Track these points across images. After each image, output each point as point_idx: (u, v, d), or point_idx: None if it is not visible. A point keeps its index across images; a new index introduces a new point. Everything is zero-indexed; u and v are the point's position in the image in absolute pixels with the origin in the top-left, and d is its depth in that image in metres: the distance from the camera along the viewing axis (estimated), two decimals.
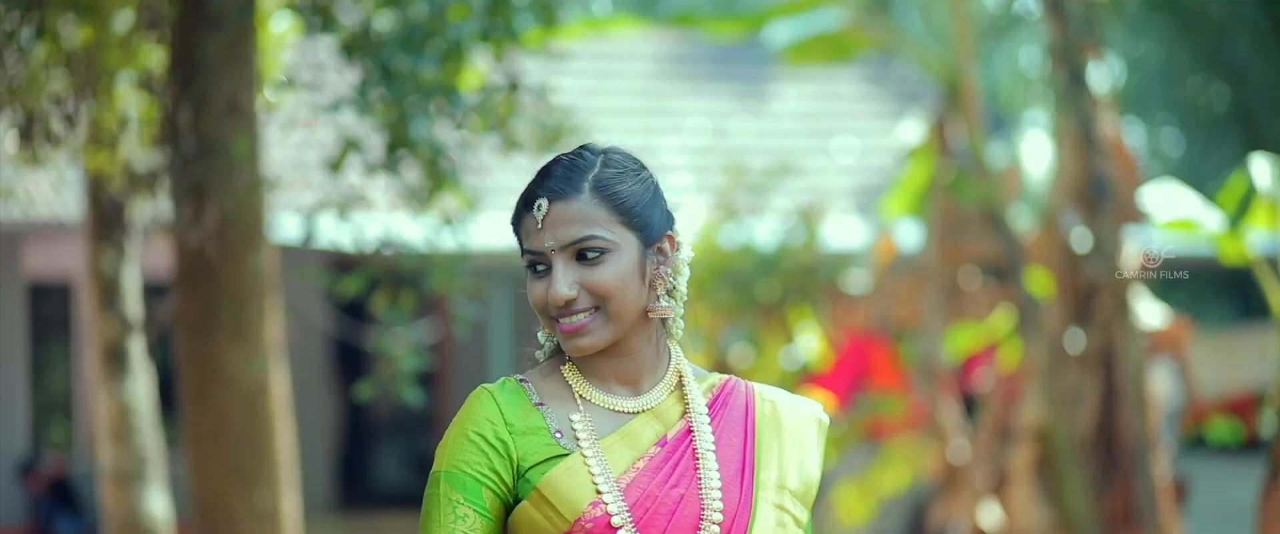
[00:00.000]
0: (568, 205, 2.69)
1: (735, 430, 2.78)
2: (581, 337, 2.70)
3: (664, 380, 2.78)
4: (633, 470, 2.69)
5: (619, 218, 2.70)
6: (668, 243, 2.76)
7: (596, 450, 2.69)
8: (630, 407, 2.75)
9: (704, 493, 2.70)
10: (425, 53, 5.69)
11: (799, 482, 2.78)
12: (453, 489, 2.67)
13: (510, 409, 2.71)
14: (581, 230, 2.68)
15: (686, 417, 2.76)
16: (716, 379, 2.83)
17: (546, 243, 2.69)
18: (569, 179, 2.71)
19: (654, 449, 2.72)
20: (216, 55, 5.98)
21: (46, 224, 13.93)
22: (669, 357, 2.80)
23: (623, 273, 2.70)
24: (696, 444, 2.73)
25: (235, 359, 6.48)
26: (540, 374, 2.78)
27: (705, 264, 10.80)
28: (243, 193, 6.10)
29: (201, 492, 6.65)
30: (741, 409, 2.80)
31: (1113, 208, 8.53)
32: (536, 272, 2.72)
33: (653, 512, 2.67)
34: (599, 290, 2.69)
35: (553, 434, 2.70)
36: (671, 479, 2.70)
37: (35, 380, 15.65)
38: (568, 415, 2.72)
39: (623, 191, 2.71)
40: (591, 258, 2.69)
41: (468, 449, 2.68)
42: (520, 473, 2.68)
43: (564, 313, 2.69)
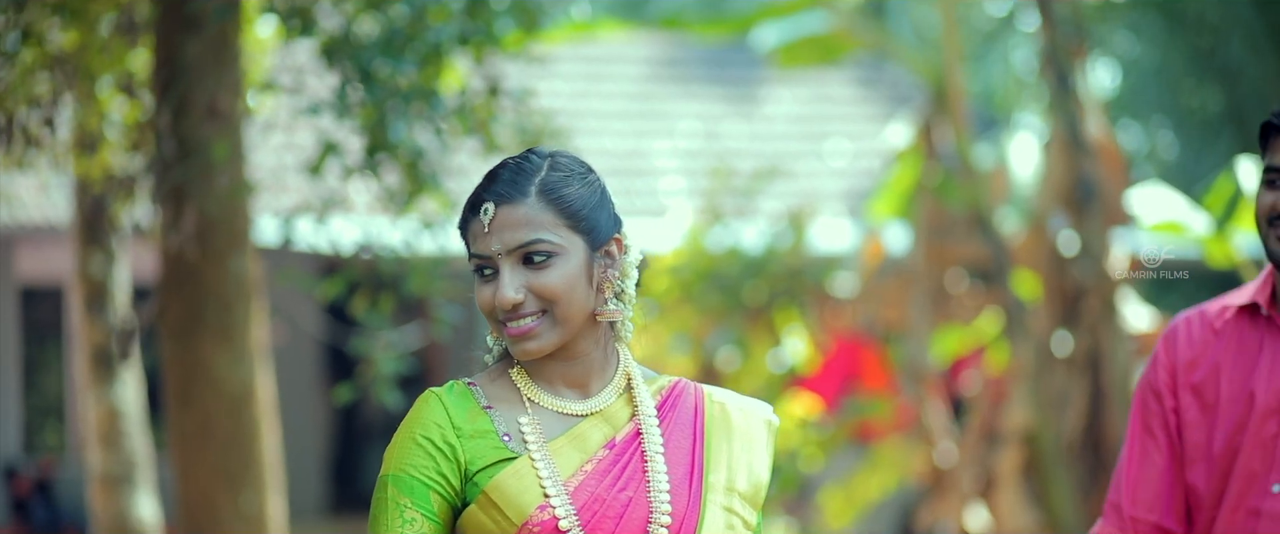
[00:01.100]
0: (514, 209, 2.70)
1: (684, 433, 2.78)
2: (529, 340, 2.70)
3: (613, 383, 2.78)
4: (581, 473, 2.69)
5: (566, 221, 2.71)
6: (615, 246, 2.76)
7: (544, 453, 2.69)
8: (579, 410, 2.75)
9: (652, 495, 2.70)
10: (404, 56, 5.69)
11: (748, 484, 2.78)
12: (400, 493, 2.68)
13: (458, 413, 2.71)
14: (528, 234, 2.69)
15: (635, 419, 2.76)
16: (665, 381, 2.83)
17: (493, 247, 2.69)
18: (515, 183, 2.71)
19: (602, 452, 2.72)
20: (196, 58, 5.98)
21: (38, 227, 13.93)
22: (618, 359, 2.80)
23: (570, 276, 2.70)
24: (645, 447, 2.74)
25: (220, 362, 6.48)
26: (488, 377, 2.78)
27: (692, 267, 10.80)
28: (224, 196, 6.09)
29: (187, 495, 6.65)
30: (690, 411, 2.80)
31: (1100, 210, 8.53)
32: (484, 275, 2.72)
33: (601, 514, 2.67)
34: (546, 294, 2.69)
35: (501, 437, 2.71)
36: (620, 482, 2.70)
37: (27, 384, 15.66)
38: (516, 418, 2.73)
39: (569, 195, 2.72)
40: (538, 261, 2.69)
41: (415, 453, 2.69)
42: (468, 476, 2.69)
43: (511, 317, 2.70)
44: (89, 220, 8.13)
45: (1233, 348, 3.52)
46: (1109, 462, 8.49)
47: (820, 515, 11.04)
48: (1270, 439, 3.44)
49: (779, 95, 16.79)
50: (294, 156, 7.83)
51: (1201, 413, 3.52)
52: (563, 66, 15.77)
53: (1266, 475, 3.44)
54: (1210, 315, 3.57)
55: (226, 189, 6.05)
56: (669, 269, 10.90)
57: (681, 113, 16.42)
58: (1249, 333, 3.52)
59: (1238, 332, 3.53)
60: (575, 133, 15.41)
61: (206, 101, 5.99)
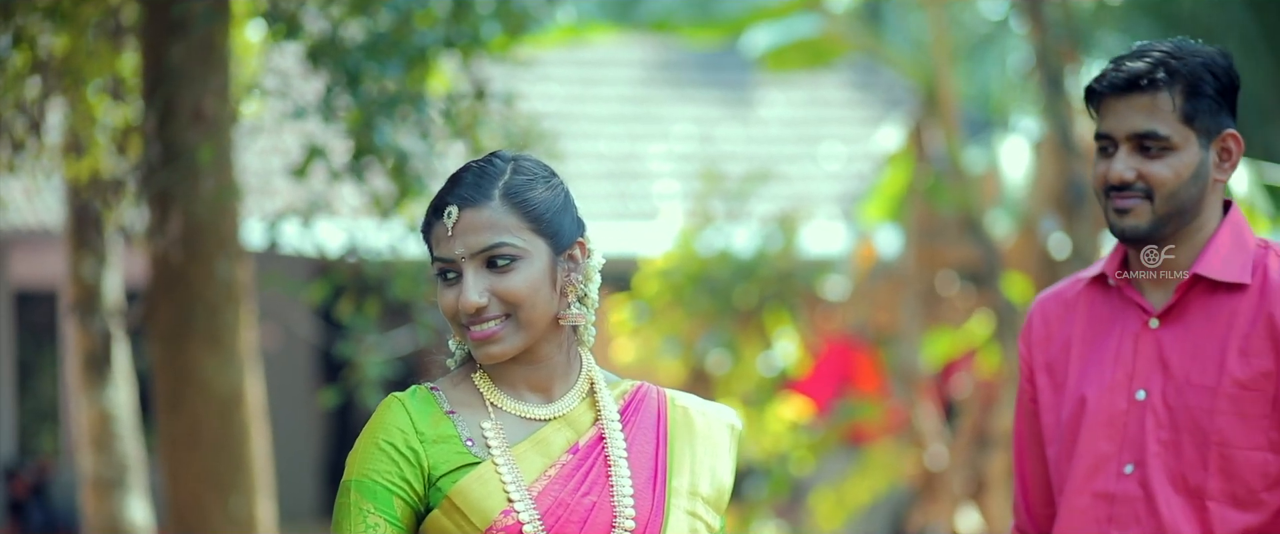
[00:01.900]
0: (478, 212, 2.68)
1: (647, 437, 2.77)
2: (492, 344, 2.69)
3: (575, 387, 2.77)
4: (544, 478, 2.69)
5: (529, 225, 2.70)
6: (578, 250, 2.75)
7: (508, 458, 2.68)
8: (542, 414, 2.74)
9: (616, 500, 2.69)
10: (391, 60, 5.69)
11: (711, 488, 2.78)
12: (363, 498, 2.66)
13: (421, 417, 2.70)
14: (492, 237, 2.68)
15: (598, 424, 2.75)
16: (628, 385, 2.82)
17: (457, 250, 2.68)
18: (479, 186, 2.70)
19: (566, 457, 2.71)
20: (182, 62, 5.98)
21: (32, 231, 13.93)
22: (580, 363, 2.79)
23: (533, 280, 2.69)
24: (608, 451, 2.73)
25: (209, 366, 6.48)
26: (451, 382, 2.77)
27: (683, 270, 10.79)
28: (210, 200, 6.09)
29: (177, 499, 6.65)
30: (653, 415, 2.79)
31: (1091, 213, 8.54)
32: (447, 279, 2.71)
33: (565, 519, 2.66)
34: (510, 298, 2.68)
35: (464, 442, 2.69)
36: (583, 487, 2.69)
37: (23, 388, 15.66)
38: (479, 423, 2.71)
39: (533, 198, 2.71)
40: (502, 265, 2.68)
41: (378, 458, 2.67)
42: (431, 482, 2.67)
43: (474, 320, 2.68)
44: (80, 224, 8.13)
45: (1083, 321, 3.31)
46: None
47: (811, 518, 11.04)
48: (1121, 416, 3.22)
49: (773, 98, 16.80)
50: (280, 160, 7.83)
51: (1054, 393, 3.31)
52: (557, 70, 15.77)
53: (1119, 456, 3.21)
54: (1065, 290, 3.37)
55: (212, 193, 6.05)
56: (660, 272, 10.90)
57: (676, 116, 16.42)
58: (1099, 305, 3.29)
59: (1089, 305, 3.31)
60: (569, 136, 15.46)
61: (193, 105, 5.99)
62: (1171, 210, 3.16)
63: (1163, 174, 3.14)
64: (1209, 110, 3.16)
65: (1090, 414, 3.23)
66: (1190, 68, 3.15)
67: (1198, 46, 3.20)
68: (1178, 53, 3.17)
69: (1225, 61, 3.18)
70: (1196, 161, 3.16)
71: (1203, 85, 3.15)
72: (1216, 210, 3.21)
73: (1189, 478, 3.16)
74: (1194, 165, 3.16)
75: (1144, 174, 3.15)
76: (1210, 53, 3.18)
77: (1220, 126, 3.17)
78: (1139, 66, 3.17)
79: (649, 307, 10.84)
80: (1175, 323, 3.21)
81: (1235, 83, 3.20)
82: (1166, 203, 3.15)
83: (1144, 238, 3.17)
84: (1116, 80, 3.19)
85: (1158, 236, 3.18)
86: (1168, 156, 3.15)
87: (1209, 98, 3.15)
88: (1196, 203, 3.17)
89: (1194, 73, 3.15)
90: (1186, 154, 3.16)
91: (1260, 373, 3.14)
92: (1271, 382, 3.14)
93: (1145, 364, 3.21)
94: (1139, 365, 3.22)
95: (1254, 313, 3.16)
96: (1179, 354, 3.19)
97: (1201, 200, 3.17)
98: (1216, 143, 3.18)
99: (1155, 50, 3.18)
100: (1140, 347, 3.22)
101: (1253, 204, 7.97)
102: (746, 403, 10.70)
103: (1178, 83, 3.15)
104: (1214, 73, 3.16)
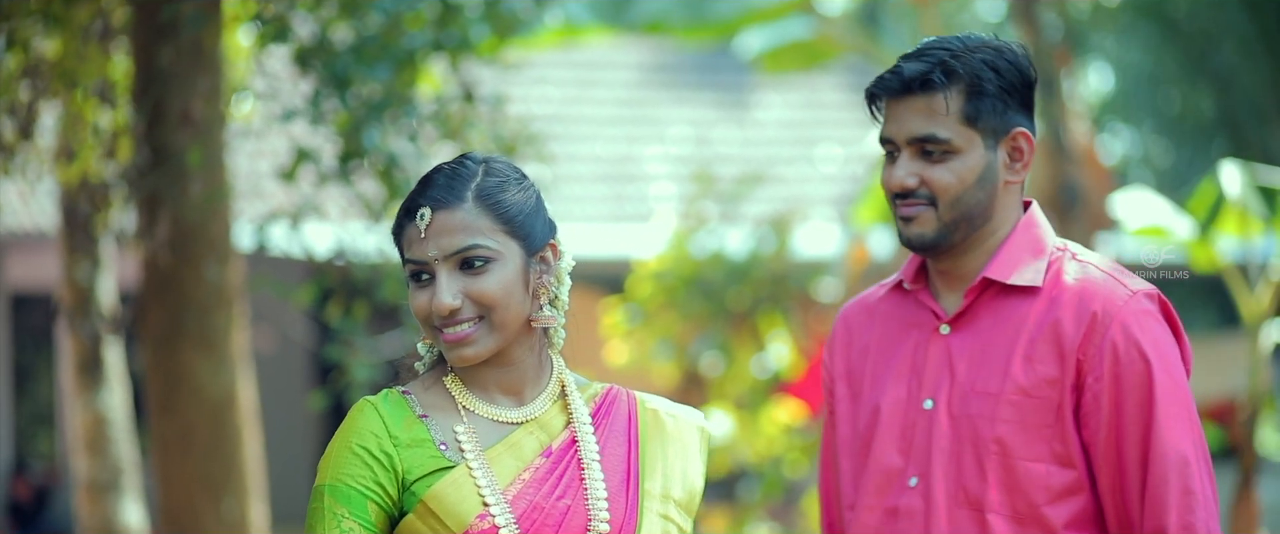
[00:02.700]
0: (451, 214, 2.68)
1: (619, 440, 2.77)
2: (465, 347, 2.68)
3: (547, 390, 2.77)
4: (518, 482, 2.68)
5: (502, 227, 2.69)
6: (550, 252, 2.75)
7: (482, 462, 2.68)
8: (514, 417, 2.74)
9: (590, 503, 2.69)
10: (379, 63, 5.69)
11: (683, 491, 2.78)
12: (337, 503, 2.66)
13: (394, 421, 2.70)
14: (465, 239, 2.67)
15: (570, 427, 2.75)
16: (598, 388, 2.82)
17: (429, 252, 2.67)
18: (451, 188, 2.70)
19: (539, 460, 2.71)
20: (171, 65, 5.98)
21: (29, 234, 13.93)
22: (551, 366, 2.79)
23: (506, 282, 2.68)
24: (581, 454, 2.73)
25: (201, 370, 6.47)
26: (422, 385, 2.77)
27: (676, 273, 10.79)
28: (198, 203, 6.09)
29: (169, 502, 6.65)
30: (624, 419, 2.79)
31: (1084, 215, 8.53)
32: (419, 281, 2.70)
33: (540, 523, 2.66)
34: (483, 300, 2.68)
35: (437, 446, 2.69)
36: (558, 490, 2.69)
37: (19, 391, 15.65)
38: (452, 427, 2.71)
39: (505, 200, 2.70)
40: (475, 267, 2.68)
41: (352, 462, 2.67)
42: (405, 486, 2.67)
43: (447, 323, 2.68)
44: (71, 227, 8.13)
45: (880, 329, 3.10)
46: None
47: (805, 521, 11.03)
48: (910, 426, 3.02)
49: (770, 101, 16.80)
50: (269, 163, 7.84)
51: (851, 402, 3.13)
52: (553, 72, 15.78)
53: (906, 469, 3.00)
54: (868, 297, 3.18)
55: (201, 196, 6.05)
56: (653, 275, 10.90)
57: (672, 118, 16.42)
58: (897, 312, 3.10)
59: (887, 311, 3.11)
60: (565, 139, 15.47)
61: (181, 108, 5.99)
62: (958, 216, 2.96)
63: (945, 179, 2.95)
64: (994, 110, 2.95)
65: (882, 425, 3.05)
66: (970, 67, 2.94)
67: (983, 41, 2.99)
68: (958, 51, 2.96)
69: (1012, 56, 2.98)
70: (982, 164, 2.96)
71: (984, 84, 2.95)
72: (1012, 212, 3.02)
73: (970, 490, 2.95)
74: (979, 169, 2.96)
75: (926, 180, 2.96)
76: (995, 48, 2.98)
77: (1008, 126, 2.97)
78: (915, 68, 2.96)
79: (642, 309, 10.84)
80: (965, 329, 3.01)
81: (1026, 77, 2.99)
82: (951, 209, 2.96)
83: (932, 246, 2.99)
84: (892, 83, 2.98)
85: (948, 244, 2.98)
86: (950, 161, 2.95)
87: (992, 97, 2.95)
88: (986, 207, 2.97)
89: (974, 72, 2.94)
90: (970, 157, 2.95)
91: (1044, 380, 2.94)
92: (1056, 389, 2.94)
93: (934, 372, 3.02)
94: (928, 373, 3.02)
95: (1041, 318, 2.96)
96: (966, 361, 2.99)
97: (991, 204, 2.97)
98: (1005, 143, 2.97)
99: (935, 49, 2.98)
100: (930, 354, 3.03)
101: (1246, 206, 7.96)
102: (740, 405, 10.71)
103: (957, 83, 2.94)
104: (997, 69, 2.95)
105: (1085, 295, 2.96)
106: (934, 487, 2.97)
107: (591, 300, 12.01)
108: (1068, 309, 2.96)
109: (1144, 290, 2.98)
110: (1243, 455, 8.07)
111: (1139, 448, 2.91)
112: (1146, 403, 2.92)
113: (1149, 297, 2.98)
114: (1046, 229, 3.05)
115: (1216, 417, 18.54)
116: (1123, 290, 2.97)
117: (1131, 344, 2.93)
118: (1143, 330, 2.94)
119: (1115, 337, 2.93)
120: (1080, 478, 2.95)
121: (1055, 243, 3.04)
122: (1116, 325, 2.94)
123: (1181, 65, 22.61)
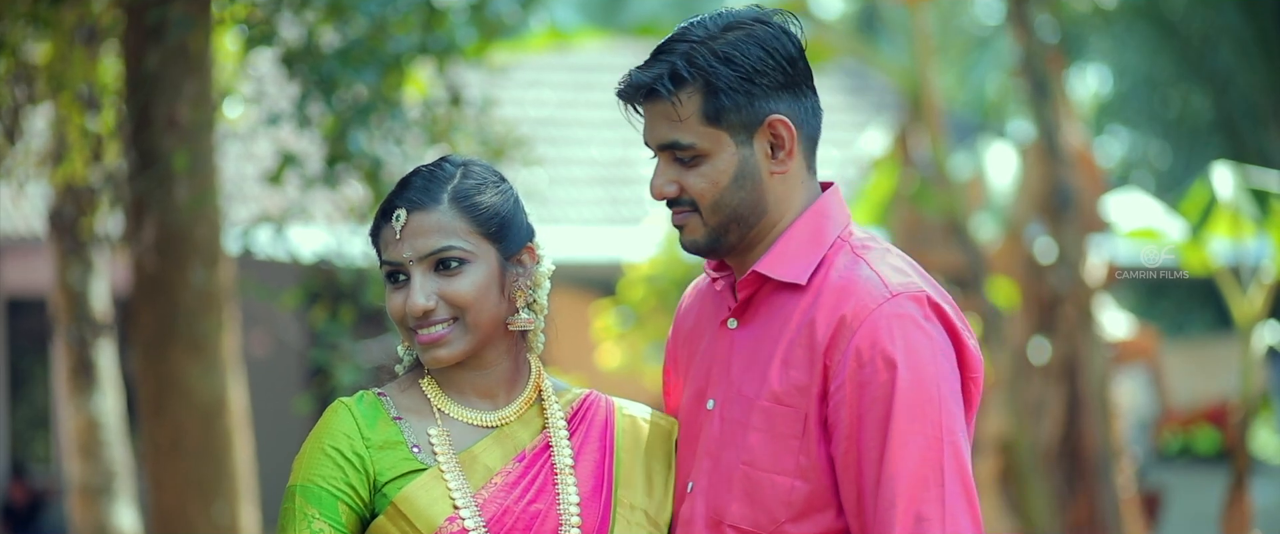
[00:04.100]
0: (426, 216, 2.68)
1: (594, 447, 2.76)
2: (439, 348, 2.68)
3: (523, 394, 2.76)
4: (490, 486, 2.68)
5: (478, 229, 2.69)
6: (527, 255, 2.75)
7: (454, 465, 2.68)
8: (489, 420, 2.74)
9: (562, 509, 2.69)
10: (365, 66, 5.69)
11: (658, 497, 2.77)
12: (308, 503, 2.66)
13: (367, 423, 2.69)
14: (440, 241, 2.67)
15: (545, 431, 2.75)
16: (577, 394, 2.81)
17: (404, 253, 2.67)
18: (428, 190, 2.70)
19: (512, 464, 2.71)
20: (158, 69, 5.98)
21: (24, 238, 13.93)
22: (529, 370, 2.78)
23: (481, 284, 2.68)
24: (554, 460, 2.72)
25: (191, 374, 6.47)
26: (398, 388, 2.77)
27: (668, 276, 10.79)
28: (184, 207, 6.09)
29: (160, 505, 6.64)
30: (600, 425, 2.79)
31: (1077, 217, 8.54)
32: (395, 282, 2.70)
33: (510, 527, 2.66)
34: (457, 301, 2.68)
35: (410, 448, 2.69)
36: (529, 494, 2.69)
37: (15, 395, 15.65)
38: (426, 429, 2.71)
39: (482, 203, 2.70)
40: (450, 268, 2.68)
41: (324, 463, 2.67)
42: (377, 487, 2.67)
43: (422, 324, 2.68)
44: (58, 231, 8.14)
45: (695, 316, 2.88)
46: (1086, 469, 8.49)
47: None
48: (696, 428, 2.78)
49: None
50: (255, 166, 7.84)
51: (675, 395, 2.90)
52: (548, 76, 15.78)
53: (689, 473, 2.77)
54: (701, 281, 2.94)
55: (187, 200, 6.05)
56: (645, 278, 10.90)
57: None
58: (709, 300, 2.86)
59: (704, 298, 2.89)
60: (561, 142, 15.46)
61: (167, 112, 5.99)
62: (724, 220, 2.71)
63: (700, 185, 2.70)
64: (737, 105, 2.68)
65: (682, 424, 2.83)
66: (702, 64, 2.67)
67: (727, 25, 2.70)
68: (694, 44, 2.69)
69: (760, 36, 2.70)
70: (735, 163, 2.70)
71: (719, 79, 2.67)
72: (793, 202, 2.74)
73: (718, 501, 2.71)
74: (732, 169, 2.70)
75: (684, 186, 2.71)
76: (733, 37, 2.68)
77: (759, 116, 2.70)
78: (641, 77, 2.72)
79: (634, 312, 10.83)
80: (748, 325, 2.75)
81: (778, 57, 2.70)
82: (714, 213, 2.71)
83: (708, 251, 2.75)
84: (625, 90, 2.75)
85: (724, 246, 2.74)
86: (702, 165, 2.70)
87: (732, 92, 2.67)
88: (755, 204, 2.71)
89: (707, 69, 2.67)
90: (721, 159, 2.70)
91: (795, 386, 2.67)
92: (805, 398, 2.66)
93: (719, 370, 2.78)
94: (714, 372, 2.78)
95: (801, 318, 2.68)
96: (740, 360, 2.75)
97: (760, 200, 2.71)
98: (761, 134, 2.70)
99: (671, 46, 2.71)
100: (717, 350, 2.79)
101: (1238, 208, 7.96)
102: None
103: (689, 84, 2.68)
104: (732, 60, 2.67)
105: (841, 295, 2.67)
106: (697, 496, 2.75)
107: (584, 303, 12.01)
108: (823, 310, 2.68)
109: (907, 291, 2.65)
110: (1235, 457, 8.07)
111: (875, 467, 2.61)
112: (886, 417, 2.61)
113: (913, 298, 2.65)
114: (834, 218, 2.77)
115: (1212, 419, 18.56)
116: (879, 291, 2.65)
117: (877, 351, 2.62)
118: (893, 336, 2.62)
119: (860, 342, 2.63)
120: (824, 495, 2.67)
121: (838, 233, 2.75)
122: (864, 330, 2.63)
123: (1179, 67, 22.62)
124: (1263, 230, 8.08)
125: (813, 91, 2.79)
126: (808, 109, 2.76)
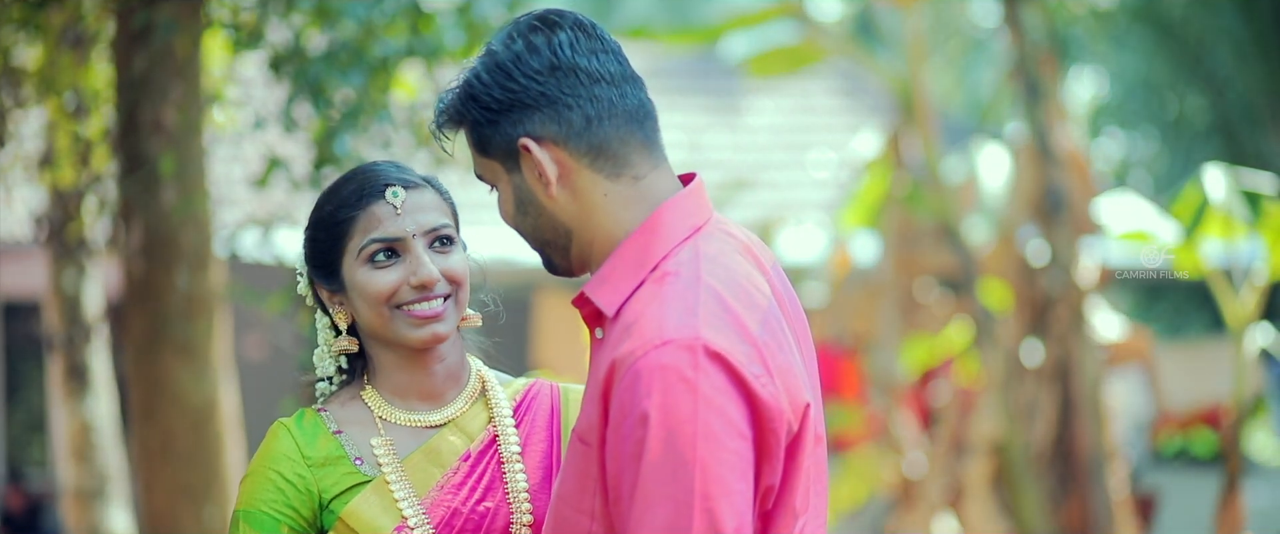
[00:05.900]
0: (421, 194, 2.72)
1: (541, 435, 2.77)
2: (439, 323, 2.70)
3: (467, 389, 2.77)
4: (437, 489, 2.69)
5: (453, 216, 2.77)
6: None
7: (399, 473, 2.68)
8: (433, 420, 2.74)
9: (511, 498, 2.70)
10: (353, 70, 5.69)
11: None
12: (251, 528, 2.67)
13: (307, 442, 2.70)
14: (439, 218, 2.72)
15: (492, 424, 2.76)
16: (521, 384, 2.83)
17: (408, 227, 2.69)
18: (409, 173, 2.75)
19: (459, 463, 2.71)
20: (145, 72, 5.98)
21: (19, 242, 13.92)
22: (469, 367, 2.81)
23: (466, 265, 2.74)
24: (501, 450, 2.73)
25: (182, 377, 6.46)
26: (340, 401, 2.77)
27: None
28: (171, 211, 6.09)
29: (151, 509, 6.64)
30: (547, 412, 2.80)
31: (1069, 220, 8.54)
32: (378, 261, 2.69)
33: (459, 527, 2.67)
34: (455, 277, 2.71)
35: (353, 461, 2.69)
36: (478, 493, 2.69)
37: (11, 399, 15.65)
38: (368, 440, 2.71)
39: (449, 194, 2.78)
40: (446, 246, 2.72)
41: (265, 487, 2.68)
42: (323, 505, 2.67)
43: (423, 297, 2.69)
44: (50, 235, 8.15)
45: None
46: (1079, 472, 8.48)
47: None
48: None
49: (761, 105, 16.78)
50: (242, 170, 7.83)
51: None
52: None
53: None
54: None
55: (174, 204, 6.05)
56: None
57: (663, 123, 16.37)
58: None
59: None
60: None
61: (153, 116, 5.98)
62: (541, 246, 2.58)
63: (504, 215, 2.58)
64: (490, 137, 2.53)
65: None
66: (454, 101, 2.57)
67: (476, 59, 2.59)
68: (452, 88, 2.59)
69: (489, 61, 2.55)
70: (511, 191, 2.55)
71: (469, 112, 2.54)
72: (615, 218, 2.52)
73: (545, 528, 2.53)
74: (512, 197, 2.55)
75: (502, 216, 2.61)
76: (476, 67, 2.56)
77: (510, 142, 2.53)
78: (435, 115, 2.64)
79: None
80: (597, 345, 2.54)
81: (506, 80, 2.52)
82: (532, 240, 2.58)
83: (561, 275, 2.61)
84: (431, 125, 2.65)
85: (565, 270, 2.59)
86: (498, 196, 2.58)
87: (480, 123, 2.54)
88: (550, 228, 2.55)
89: (456, 106, 2.56)
90: (503, 189, 2.56)
91: (590, 425, 2.46)
92: (594, 437, 2.45)
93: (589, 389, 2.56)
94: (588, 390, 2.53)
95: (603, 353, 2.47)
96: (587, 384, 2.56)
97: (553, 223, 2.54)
98: (524, 161, 2.53)
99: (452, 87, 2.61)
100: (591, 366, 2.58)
101: (1230, 211, 7.96)
102: None
103: (456, 123, 2.58)
104: (473, 93, 2.55)
105: (623, 335, 2.43)
106: None
107: None
108: (607, 348, 2.46)
109: (679, 338, 2.38)
110: (1228, 459, 8.07)
111: (624, 528, 2.39)
112: (634, 477, 2.36)
113: (684, 347, 2.37)
114: (664, 235, 2.52)
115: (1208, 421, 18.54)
116: (651, 336, 2.39)
117: (635, 405, 2.37)
118: (651, 389, 2.36)
119: (622, 393, 2.39)
120: None
121: (665, 252, 2.50)
122: (627, 379, 2.38)
123: (1176, 70, 22.63)
124: (1255, 232, 8.08)
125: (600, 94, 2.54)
126: (585, 117, 2.52)
